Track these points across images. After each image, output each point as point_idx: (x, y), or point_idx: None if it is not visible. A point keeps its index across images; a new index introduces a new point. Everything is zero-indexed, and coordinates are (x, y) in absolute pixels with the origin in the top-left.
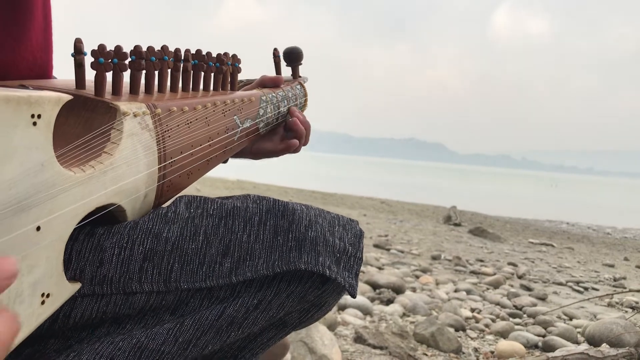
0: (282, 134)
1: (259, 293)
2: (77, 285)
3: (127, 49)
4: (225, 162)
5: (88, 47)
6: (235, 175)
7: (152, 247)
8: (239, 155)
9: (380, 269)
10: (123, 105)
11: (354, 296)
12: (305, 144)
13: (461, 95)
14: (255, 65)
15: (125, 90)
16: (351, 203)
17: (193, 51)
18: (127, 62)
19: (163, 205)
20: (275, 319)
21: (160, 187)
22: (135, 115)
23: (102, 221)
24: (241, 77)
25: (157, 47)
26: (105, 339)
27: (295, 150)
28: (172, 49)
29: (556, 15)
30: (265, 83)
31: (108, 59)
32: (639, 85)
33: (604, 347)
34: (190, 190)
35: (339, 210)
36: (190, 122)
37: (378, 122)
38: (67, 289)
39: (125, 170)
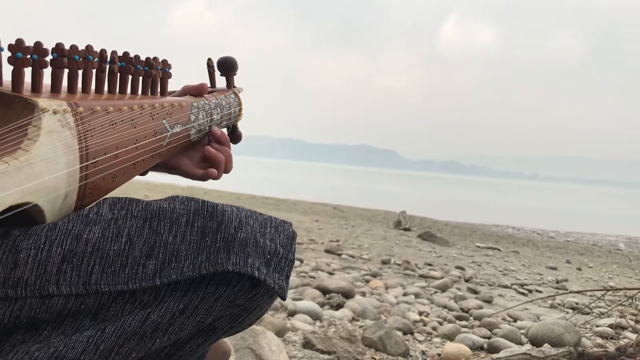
0: (202, 154)
1: (185, 297)
2: None
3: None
4: (143, 174)
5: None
6: (186, 181)
7: (71, 248)
8: (154, 168)
9: (331, 274)
10: (42, 102)
11: (283, 298)
12: (227, 171)
13: (411, 103)
14: (204, 72)
15: (47, 90)
16: (304, 209)
17: (120, 53)
18: (47, 59)
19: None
20: (204, 325)
21: (83, 188)
22: (55, 112)
23: (19, 224)
24: (190, 83)
25: (82, 46)
26: (20, 347)
27: (215, 178)
28: (97, 49)
29: (502, 27)
30: (188, 91)
31: (26, 54)
32: (580, 95)
33: (546, 347)
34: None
35: (291, 216)
36: (115, 123)
37: (331, 129)
38: None
39: (43, 167)
